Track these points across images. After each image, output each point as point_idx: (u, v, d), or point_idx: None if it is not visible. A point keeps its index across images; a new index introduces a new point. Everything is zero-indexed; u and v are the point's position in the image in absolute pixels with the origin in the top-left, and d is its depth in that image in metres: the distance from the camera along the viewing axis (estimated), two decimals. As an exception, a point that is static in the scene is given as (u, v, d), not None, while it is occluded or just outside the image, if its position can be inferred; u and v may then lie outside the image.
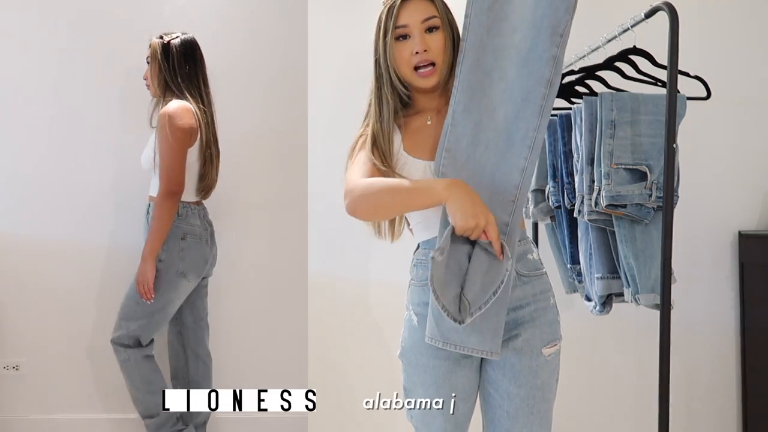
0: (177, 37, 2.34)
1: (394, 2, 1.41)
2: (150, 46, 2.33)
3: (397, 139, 1.46)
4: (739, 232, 2.51)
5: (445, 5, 1.45)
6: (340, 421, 2.53)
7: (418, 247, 1.53)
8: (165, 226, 2.25)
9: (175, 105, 2.26)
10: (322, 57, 2.53)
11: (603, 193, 1.76)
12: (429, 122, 1.46)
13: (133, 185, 2.63)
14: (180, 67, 2.32)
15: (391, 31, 1.40)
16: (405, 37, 1.41)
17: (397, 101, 1.46)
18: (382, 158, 1.42)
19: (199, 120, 2.29)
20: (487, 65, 1.37)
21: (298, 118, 2.67)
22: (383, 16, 1.42)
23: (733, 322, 2.54)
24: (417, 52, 1.40)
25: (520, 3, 1.35)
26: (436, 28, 1.41)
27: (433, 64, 1.41)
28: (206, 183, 2.38)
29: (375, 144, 1.43)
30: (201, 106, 2.32)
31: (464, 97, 1.37)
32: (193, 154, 2.30)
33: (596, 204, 1.79)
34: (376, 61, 1.46)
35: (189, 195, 2.34)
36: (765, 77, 2.54)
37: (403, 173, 1.43)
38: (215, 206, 2.73)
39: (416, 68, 1.42)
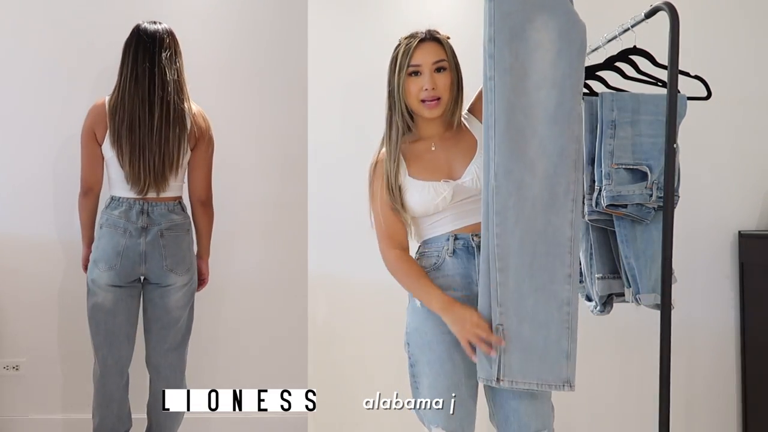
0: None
1: (410, 44, 1.62)
2: None
3: (402, 168, 1.64)
4: (739, 232, 2.51)
5: (452, 50, 1.66)
6: (340, 421, 2.53)
7: (421, 244, 1.70)
8: (80, 219, 2.35)
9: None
10: (322, 57, 2.53)
11: (604, 193, 1.76)
12: (433, 148, 1.66)
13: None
14: (123, 59, 2.26)
15: (405, 68, 1.61)
16: (417, 73, 1.62)
17: (405, 127, 1.66)
18: (390, 186, 1.63)
19: (110, 113, 2.21)
20: (519, 124, 1.47)
21: (298, 118, 2.67)
22: (399, 55, 1.63)
23: (733, 322, 2.54)
24: (426, 89, 1.60)
25: (539, 62, 1.47)
26: (444, 69, 1.62)
27: (438, 98, 1.61)
28: (135, 176, 2.20)
29: (386, 173, 1.64)
30: (134, 95, 2.20)
31: (503, 159, 1.46)
32: (107, 150, 2.25)
33: (597, 204, 1.79)
34: (390, 92, 1.65)
35: (119, 190, 2.26)
36: (765, 77, 2.54)
37: (407, 195, 1.63)
38: (215, 206, 2.73)
39: (422, 100, 1.62)
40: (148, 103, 2.20)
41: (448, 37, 1.67)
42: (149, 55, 2.23)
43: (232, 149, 2.76)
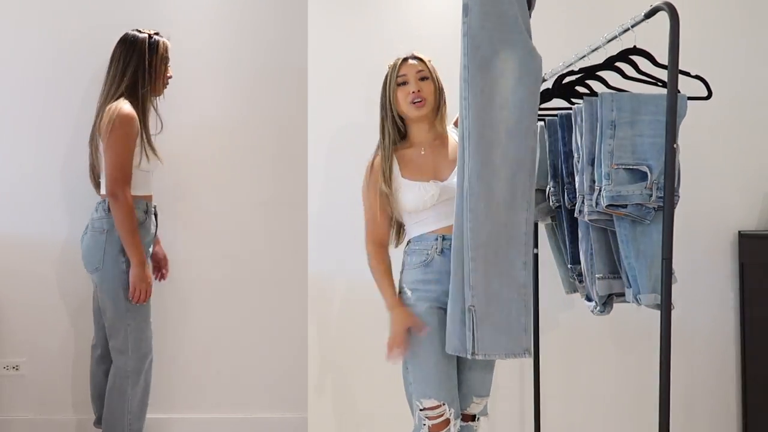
0: None
1: (396, 61, 1.94)
2: None
3: (396, 168, 1.92)
4: (739, 232, 2.51)
5: (433, 67, 1.97)
6: (340, 422, 2.53)
7: (409, 242, 1.95)
8: None
9: None
10: (322, 57, 2.53)
11: (603, 193, 1.76)
12: (423, 152, 1.94)
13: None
14: None
15: (394, 80, 1.92)
16: (404, 83, 1.92)
17: (396, 133, 1.96)
18: (384, 177, 1.90)
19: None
20: (487, 136, 1.73)
21: (298, 118, 2.68)
22: (389, 71, 1.94)
23: (733, 322, 2.54)
24: (413, 92, 1.91)
25: (503, 87, 1.73)
26: (426, 78, 1.94)
27: (424, 99, 1.91)
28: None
29: (381, 166, 1.92)
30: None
31: (476, 165, 1.72)
32: None
33: (597, 204, 1.79)
34: (383, 104, 1.95)
35: None
36: (765, 77, 2.54)
37: (400, 193, 1.90)
38: (215, 206, 2.74)
39: (411, 102, 1.90)
40: (97, 110, 2.44)
41: (429, 60, 1.96)
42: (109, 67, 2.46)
43: (232, 149, 2.76)
